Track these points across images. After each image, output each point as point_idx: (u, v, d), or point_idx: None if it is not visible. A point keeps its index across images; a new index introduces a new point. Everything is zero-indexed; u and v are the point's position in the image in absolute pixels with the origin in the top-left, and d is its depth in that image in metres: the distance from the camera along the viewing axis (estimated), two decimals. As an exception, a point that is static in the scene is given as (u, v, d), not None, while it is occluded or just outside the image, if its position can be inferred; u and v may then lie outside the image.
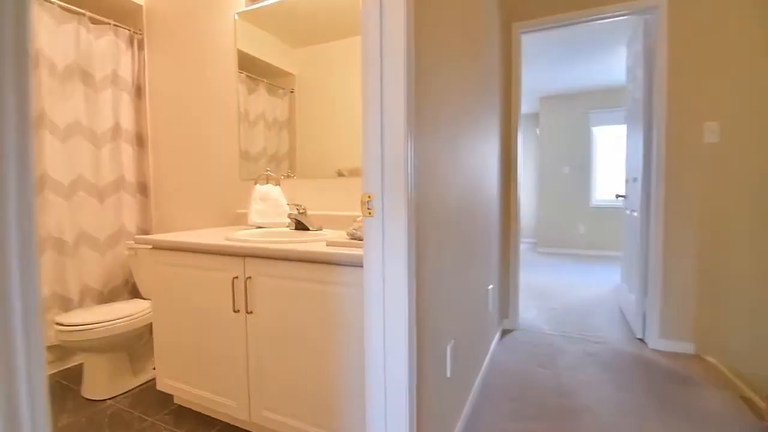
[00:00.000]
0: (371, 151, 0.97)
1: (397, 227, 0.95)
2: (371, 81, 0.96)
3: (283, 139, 1.95)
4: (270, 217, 1.84)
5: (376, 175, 0.97)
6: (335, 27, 1.79)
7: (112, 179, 2.29)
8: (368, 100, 0.96)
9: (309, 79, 1.87)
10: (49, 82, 1.98)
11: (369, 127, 0.97)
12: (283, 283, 1.31)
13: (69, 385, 1.93)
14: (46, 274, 2.01)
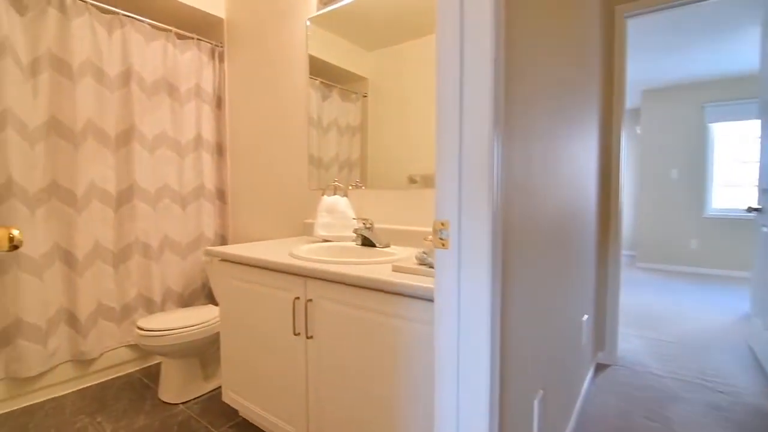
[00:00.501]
0: (446, 167, 0.79)
1: (477, 263, 0.76)
2: (447, 77, 0.78)
3: (355, 144, 1.87)
4: (336, 230, 1.74)
5: (451, 196, 0.79)
6: (410, 26, 1.65)
7: (193, 187, 2.39)
8: (443, 102, 0.79)
9: (382, 82, 1.76)
10: (139, 96, 2.10)
11: (444, 137, 0.80)
12: (345, 309, 1.19)
13: (149, 384, 2.03)
14: (133, 277, 2.13)
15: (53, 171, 1.86)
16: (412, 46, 1.65)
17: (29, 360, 1.75)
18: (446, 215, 0.80)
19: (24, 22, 1.74)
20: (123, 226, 2.10)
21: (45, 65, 1.79)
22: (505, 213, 0.84)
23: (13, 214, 1.70)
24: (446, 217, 0.79)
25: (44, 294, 1.81)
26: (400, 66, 1.69)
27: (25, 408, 1.79)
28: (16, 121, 1.70)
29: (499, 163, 0.76)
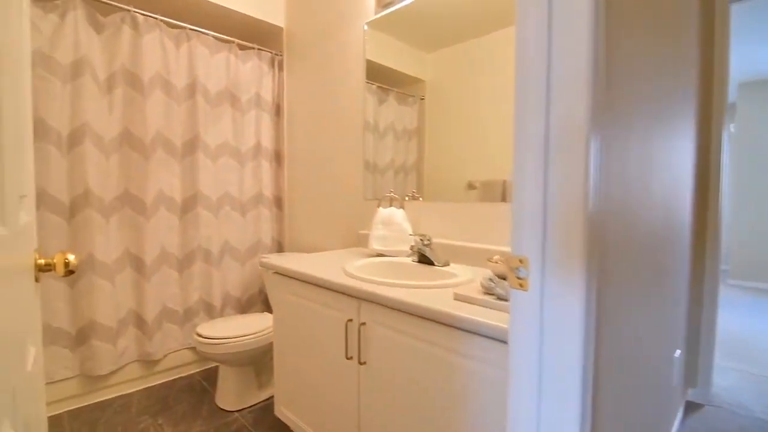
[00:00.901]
0: (526, 189, 0.66)
1: (566, 311, 0.62)
2: (529, 75, 0.65)
3: (411, 148, 1.79)
4: (391, 244, 1.65)
5: (533, 226, 0.66)
6: (471, 24, 1.54)
7: (252, 194, 2.43)
8: (523, 107, 0.66)
9: (440, 84, 1.67)
10: (203, 107, 2.16)
11: (523, 152, 0.67)
12: (402, 338, 1.09)
13: (207, 388, 2.08)
14: (196, 282, 2.20)
15: (126, 181, 1.96)
16: (473, 45, 1.55)
17: (101, 359, 1.86)
18: (525, 249, 0.67)
19: (101, 40, 1.85)
20: (187, 232, 2.17)
21: (119, 81, 1.89)
22: (601, 241, 0.69)
23: (89, 223, 1.80)
24: (525, 253, 0.66)
25: (115, 297, 1.91)
26: (459, 67, 1.59)
27: (96, 403, 1.90)
28: (93, 135, 1.81)
29: (596, 182, 0.62)
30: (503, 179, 1.47)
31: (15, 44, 0.62)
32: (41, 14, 1.68)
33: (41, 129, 1.69)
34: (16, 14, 0.68)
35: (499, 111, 1.47)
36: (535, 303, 0.65)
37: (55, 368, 1.78)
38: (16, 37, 0.62)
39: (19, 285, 0.58)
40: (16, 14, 0.68)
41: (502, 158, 1.48)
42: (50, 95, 1.69)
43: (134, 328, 2.02)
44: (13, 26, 0.61)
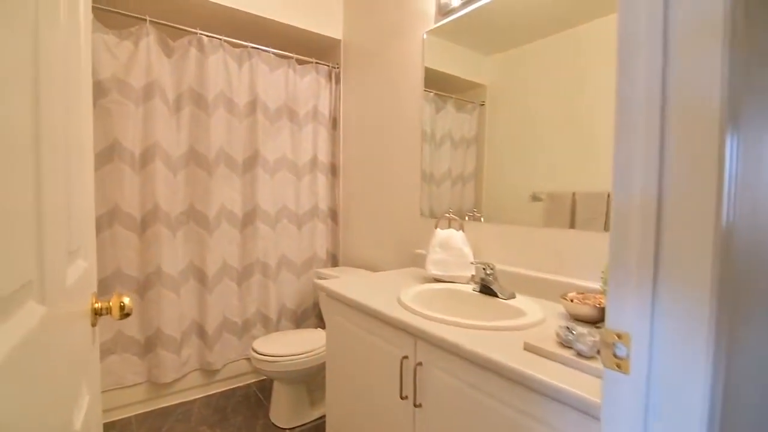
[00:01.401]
0: (630, 229, 0.53)
1: (684, 401, 0.49)
2: (638, 63, 0.52)
3: (469, 157, 1.70)
4: (450, 270, 1.54)
5: (639, 289, 0.52)
6: (538, 23, 1.40)
7: (308, 208, 2.44)
8: (628, 112, 0.53)
9: (502, 88, 1.55)
10: (263, 123, 2.20)
11: (625, 168, 0.54)
12: (461, 386, 0.98)
13: (262, 401, 2.10)
14: (254, 294, 2.24)
15: (191, 196, 2.04)
16: (538, 47, 1.41)
17: (166, 367, 1.94)
18: (627, 323, 0.54)
19: (171, 63, 1.94)
20: (246, 245, 2.22)
21: (186, 101, 1.97)
22: (735, 297, 0.54)
23: (158, 237, 1.89)
24: (626, 328, 0.54)
25: (180, 308, 2.00)
26: (524, 69, 1.46)
27: (161, 409, 1.99)
28: (162, 153, 1.90)
29: (731, 212, 0.48)
30: (572, 192, 1.32)
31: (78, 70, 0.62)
32: (117, 41, 1.79)
33: (117, 150, 1.80)
34: (83, 45, 0.68)
35: (568, 116, 1.32)
36: (639, 391, 0.52)
37: (125, 374, 1.89)
38: (75, 70, 0.62)
39: (73, 332, 0.56)
40: (83, 45, 0.68)
41: (571, 168, 1.32)
42: (125, 118, 1.80)
43: (196, 338, 2.09)
44: (74, 56, 0.60)
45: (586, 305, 1.10)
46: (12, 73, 0.34)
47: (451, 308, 1.38)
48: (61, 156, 0.50)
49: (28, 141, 0.38)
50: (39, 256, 0.40)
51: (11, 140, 0.34)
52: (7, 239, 0.33)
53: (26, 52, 0.38)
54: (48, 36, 0.44)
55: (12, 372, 0.32)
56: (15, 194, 0.35)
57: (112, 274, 1.85)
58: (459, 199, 1.74)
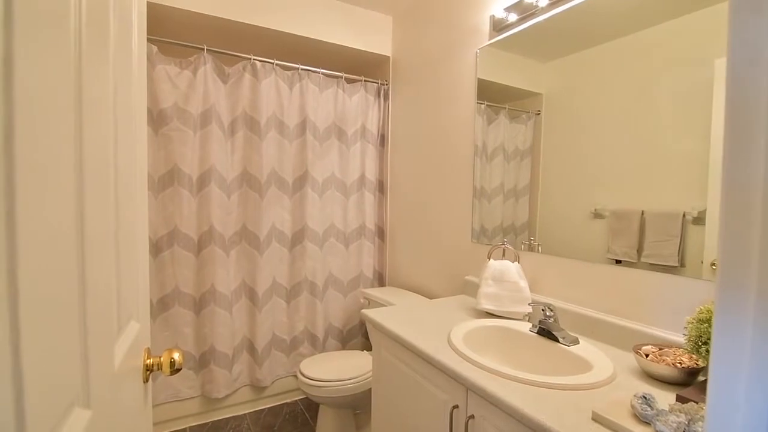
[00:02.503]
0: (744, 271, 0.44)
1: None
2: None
3: (523, 169, 1.59)
4: (504, 305, 1.44)
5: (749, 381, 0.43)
6: (598, 28, 1.30)
7: (356, 226, 2.43)
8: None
9: (560, 96, 1.45)
10: (312, 143, 2.22)
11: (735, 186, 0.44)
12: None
13: (308, 420, 2.11)
14: (301, 313, 2.27)
15: (244, 217, 2.10)
16: (600, 51, 1.30)
17: (219, 382, 2.01)
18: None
19: (226, 89, 2.01)
20: (295, 264, 2.25)
21: (240, 125, 2.04)
22: None
23: (213, 257, 1.96)
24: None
25: (232, 325, 2.06)
26: (585, 75, 1.35)
27: (214, 422, 2.06)
28: (217, 177, 1.97)
29: None
30: (640, 210, 1.18)
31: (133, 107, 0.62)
32: (178, 71, 1.88)
33: (177, 174, 1.89)
34: (136, 80, 0.68)
35: (634, 124, 1.20)
36: None
37: (181, 388, 1.97)
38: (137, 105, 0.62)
39: (123, 405, 0.56)
40: (136, 80, 0.68)
41: (639, 183, 1.19)
42: (184, 144, 1.89)
43: (247, 355, 2.15)
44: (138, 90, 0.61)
45: (663, 363, 0.97)
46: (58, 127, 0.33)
47: (506, 352, 1.29)
48: (109, 204, 0.50)
49: (72, 240, 0.37)
50: (84, 368, 0.39)
51: (56, 242, 0.32)
52: (49, 360, 0.32)
53: (67, 93, 0.37)
54: (93, 78, 0.43)
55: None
56: (56, 295, 0.33)
57: (171, 292, 1.94)
58: (512, 214, 1.65)
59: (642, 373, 1.02)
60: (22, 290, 0.27)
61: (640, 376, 1.01)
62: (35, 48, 0.30)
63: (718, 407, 0.42)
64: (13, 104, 0.27)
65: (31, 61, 0.29)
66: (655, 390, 0.94)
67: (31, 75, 0.29)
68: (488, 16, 1.69)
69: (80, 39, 0.40)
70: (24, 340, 0.28)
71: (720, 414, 0.41)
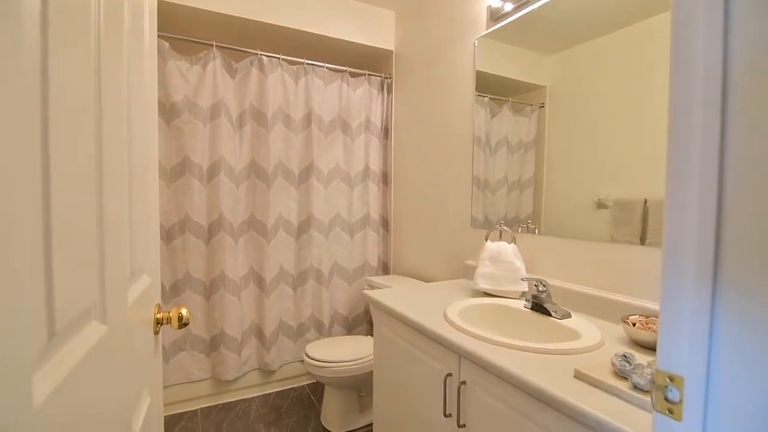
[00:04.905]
0: (685, 253, 0.49)
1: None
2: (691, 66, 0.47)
3: (527, 162, 1.62)
4: (500, 284, 1.49)
5: (692, 322, 0.48)
6: (601, 19, 1.32)
7: (360, 216, 2.49)
8: (679, 105, 0.49)
9: (564, 88, 1.47)
10: (317, 135, 2.29)
11: (677, 182, 0.49)
12: (506, 410, 0.94)
13: (314, 402, 2.17)
14: (308, 300, 2.34)
15: (252, 206, 2.18)
16: (604, 43, 1.32)
17: (228, 365, 2.09)
18: (679, 362, 0.49)
19: (234, 83, 2.09)
20: (301, 252, 2.32)
21: (248, 118, 2.12)
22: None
23: (222, 245, 2.04)
24: (678, 370, 0.49)
25: (241, 311, 2.13)
26: (588, 66, 1.37)
27: (224, 404, 2.14)
28: (227, 167, 2.05)
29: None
30: (644, 198, 1.21)
31: (143, 96, 0.69)
32: (188, 66, 1.97)
33: (188, 165, 1.97)
34: (147, 71, 0.75)
35: (637, 115, 1.22)
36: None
37: (193, 370, 2.06)
38: (147, 97, 0.69)
39: (136, 343, 0.63)
40: (147, 71, 0.75)
41: (642, 172, 1.21)
42: (194, 136, 1.97)
43: (255, 340, 2.22)
44: (138, 82, 0.68)
45: (649, 330, 1.01)
46: (78, 102, 0.40)
47: (499, 326, 1.33)
48: (124, 182, 0.57)
49: (91, 170, 0.43)
50: (101, 281, 0.46)
51: (75, 170, 0.39)
52: (72, 268, 0.38)
53: (88, 81, 0.43)
54: (110, 63, 0.50)
55: (75, 384, 0.37)
56: (79, 225, 0.40)
57: (183, 278, 2.03)
58: (516, 206, 1.68)
59: (629, 341, 1.06)
60: (53, 204, 0.34)
61: (627, 344, 1.05)
62: (65, 38, 0.37)
63: (666, 359, 0.47)
64: (48, 85, 0.33)
65: (62, 52, 0.36)
66: (639, 356, 0.97)
67: (62, 63, 0.36)
68: (485, 6, 1.74)
69: (99, 33, 0.46)
70: (55, 245, 0.34)
71: (666, 363, 0.47)
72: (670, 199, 0.51)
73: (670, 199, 0.50)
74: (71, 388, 0.36)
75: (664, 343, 0.51)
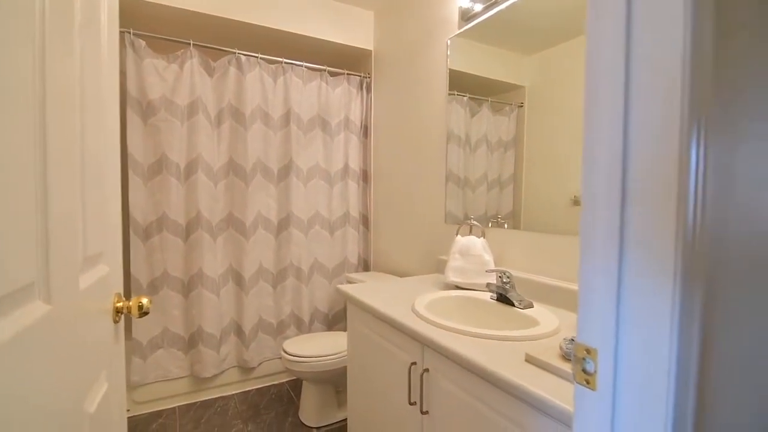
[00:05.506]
0: (597, 241, 0.53)
1: (646, 420, 0.47)
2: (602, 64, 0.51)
3: (507, 160, 1.65)
4: (469, 277, 1.53)
5: (603, 300, 0.51)
6: (577, 20, 1.34)
7: (340, 214, 2.51)
8: (593, 113, 0.53)
9: (542, 88, 1.50)
10: (297, 134, 2.31)
11: (591, 183, 0.53)
12: (464, 395, 0.98)
13: (293, 398, 2.19)
14: (287, 297, 2.35)
15: (230, 204, 2.19)
16: (581, 43, 1.34)
17: (207, 363, 2.09)
18: (593, 336, 0.53)
19: (212, 82, 2.10)
20: (281, 250, 2.34)
21: (226, 116, 2.13)
22: (711, 315, 0.51)
23: (200, 242, 2.05)
24: (593, 343, 0.52)
25: (219, 308, 2.14)
26: (566, 67, 1.41)
27: (202, 402, 2.15)
28: (204, 165, 2.06)
29: (699, 214, 0.45)
30: None
31: (97, 86, 0.71)
32: (165, 65, 1.98)
33: (165, 163, 1.98)
34: (106, 68, 0.77)
35: None
36: (605, 408, 0.51)
37: (171, 367, 2.06)
38: (95, 77, 0.70)
39: (89, 328, 0.65)
40: (106, 68, 0.77)
41: None
42: (171, 134, 1.98)
43: (234, 337, 2.23)
44: (93, 77, 0.69)
45: (602, 318, 1.05)
46: (15, 91, 0.42)
47: (465, 316, 1.37)
48: (74, 169, 0.58)
49: (33, 158, 0.45)
50: (44, 261, 0.48)
51: (14, 157, 0.41)
52: (9, 246, 0.40)
53: (30, 74, 0.45)
54: (57, 60, 0.52)
55: (10, 356, 0.39)
56: (18, 206, 0.42)
57: (161, 275, 2.03)
58: (496, 203, 1.71)
59: (584, 329, 1.10)
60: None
61: (582, 331, 1.09)
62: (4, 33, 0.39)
63: (583, 333, 0.51)
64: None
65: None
66: (591, 340, 1.02)
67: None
68: (457, 6, 1.78)
69: (44, 26, 0.48)
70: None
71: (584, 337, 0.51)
72: (584, 197, 0.55)
73: (584, 198, 0.55)
74: (7, 358, 0.39)
75: (581, 318, 0.55)
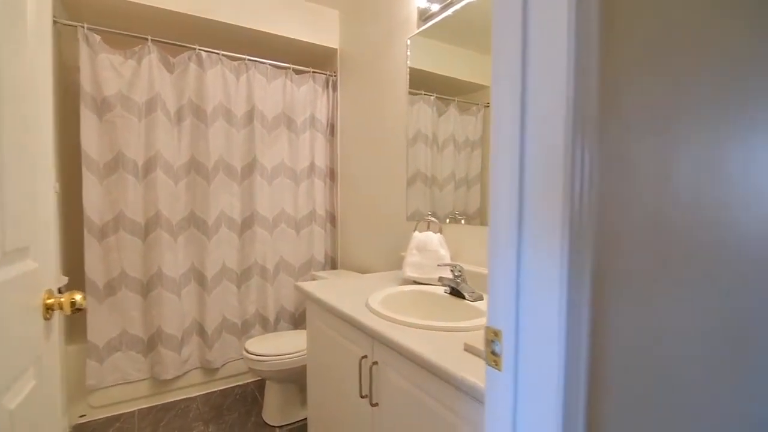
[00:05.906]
0: (500, 235, 0.55)
1: (543, 403, 0.50)
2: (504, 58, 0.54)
3: (474, 159, 1.67)
4: (426, 272, 1.56)
5: (506, 287, 0.54)
6: None
7: (306, 212, 2.51)
8: (499, 109, 0.55)
9: None
10: (261, 132, 2.29)
11: (498, 177, 0.55)
12: (409, 386, 1.00)
13: (257, 398, 2.17)
14: (252, 296, 2.33)
15: (192, 203, 2.15)
16: None
17: (167, 365, 2.05)
18: (499, 319, 0.55)
19: (172, 78, 2.07)
20: (245, 249, 2.31)
21: (187, 113, 2.10)
22: (601, 299, 0.54)
23: (160, 242, 2.01)
24: (499, 325, 0.55)
25: (181, 309, 2.10)
26: None
27: (163, 404, 2.10)
28: (164, 163, 2.02)
29: (586, 205, 0.49)
30: None
31: (25, 78, 0.70)
32: (122, 60, 1.93)
33: (122, 160, 1.93)
34: (42, 65, 0.76)
35: None
36: (509, 387, 0.53)
37: (129, 370, 2.01)
38: (26, 70, 0.69)
39: (11, 323, 0.64)
40: (42, 65, 0.76)
41: None
42: (128, 130, 1.93)
43: (197, 338, 2.20)
44: (22, 75, 0.68)
45: (543, 308, 1.09)
46: None
47: (417, 310, 1.40)
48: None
49: None
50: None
51: None
52: None
53: None
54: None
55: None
56: None
57: (118, 276, 1.98)
58: (463, 202, 1.73)
59: (528, 320, 1.14)
60: None
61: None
62: None
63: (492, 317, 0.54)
64: None
65: None
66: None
67: None
68: (416, 6, 1.81)
69: None
70: None
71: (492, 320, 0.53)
72: (492, 189, 0.57)
73: (492, 199, 0.57)
74: None
75: (491, 304, 0.58)
